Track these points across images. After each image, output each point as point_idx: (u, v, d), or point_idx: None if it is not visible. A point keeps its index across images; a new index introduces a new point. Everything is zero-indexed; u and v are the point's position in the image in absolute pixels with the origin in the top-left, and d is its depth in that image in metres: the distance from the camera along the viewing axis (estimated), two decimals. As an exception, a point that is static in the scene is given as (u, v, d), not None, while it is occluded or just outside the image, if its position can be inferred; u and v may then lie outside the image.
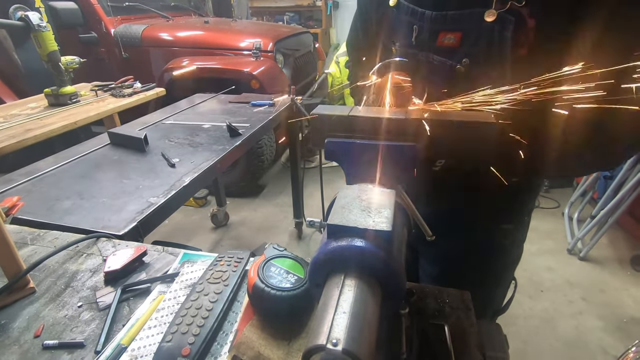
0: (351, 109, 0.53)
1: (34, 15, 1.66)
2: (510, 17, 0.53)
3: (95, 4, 2.75)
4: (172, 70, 2.72)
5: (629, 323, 1.81)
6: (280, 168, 3.48)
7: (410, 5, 0.65)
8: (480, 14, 0.55)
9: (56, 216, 0.89)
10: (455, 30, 0.60)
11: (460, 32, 0.59)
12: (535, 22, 0.52)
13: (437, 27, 0.62)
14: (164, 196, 0.98)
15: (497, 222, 0.76)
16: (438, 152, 0.49)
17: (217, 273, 0.60)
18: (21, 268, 0.63)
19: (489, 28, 0.55)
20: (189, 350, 0.48)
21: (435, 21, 0.61)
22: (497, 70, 0.57)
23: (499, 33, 0.55)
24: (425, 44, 0.65)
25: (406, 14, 0.66)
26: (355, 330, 0.30)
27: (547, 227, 2.56)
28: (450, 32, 0.60)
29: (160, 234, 2.50)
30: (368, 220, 0.38)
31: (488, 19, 0.54)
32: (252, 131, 1.48)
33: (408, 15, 0.66)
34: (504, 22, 0.54)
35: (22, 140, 1.43)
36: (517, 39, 0.54)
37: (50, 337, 0.55)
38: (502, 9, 0.53)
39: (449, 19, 0.60)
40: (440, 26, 0.61)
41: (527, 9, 0.52)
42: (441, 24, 0.61)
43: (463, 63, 0.60)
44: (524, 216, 0.79)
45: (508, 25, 0.53)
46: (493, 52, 0.57)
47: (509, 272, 0.86)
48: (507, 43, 0.54)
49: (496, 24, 0.54)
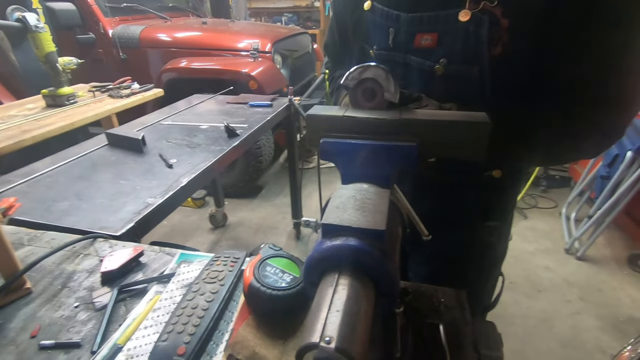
0: (346, 110, 0.53)
1: (32, 16, 1.66)
2: (484, 17, 0.54)
3: (92, 5, 2.75)
4: (170, 71, 2.73)
5: (626, 322, 1.82)
6: (279, 169, 3.48)
7: (385, 8, 0.65)
8: (455, 15, 0.56)
9: (53, 217, 0.89)
10: (432, 31, 0.61)
11: (436, 33, 0.60)
12: (509, 22, 0.54)
13: (414, 29, 0.63)
14: (162, 197, 0.98)
15: (483, 219, 0.77)
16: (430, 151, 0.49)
17: (213, 273, 0.60)
18: (18, 268, 0.63)
19: (464, 28, 0.57)
20: (184, 350, 0.48)
21: (412, 23, 0.63)
22: (474, 69, 0.59)
23: (474, 33, 0.56)
24: (403, 45, 0.66)
25: (381, 17, 0.67)
26: (348, 329, 0.31)
27: (545, 227, 2.57)
28: (427, 33, 0.61)
29: (158, 234, 2.50)
30: (362, 220, 0.38)
31: (462, 19, 0.56)
32: (249, 132, 1.48)
33: (383, 19, 0.66)
34: (478, 22, 0.55)
35: (19, 141, 1.43)
36: (492, 38, 0.55)
37: (47, 337, 0.55)
38: (476, 9, 0.54)
39: (425, 21, 0.61)
40: (416, 28, 0.62)
41: (500, 9, 0.53)
42: (417, 26, 0.62)
43: (441, 63, 0.61)
44: (508, 211, 0.80)
45: (482, 24, 0.55)
46: (469, 52, 0.58)
47: (496, 268, 0.87)
48: (483, 42, 0.56)
49: (470, 23, 0.55)
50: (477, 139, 0.48)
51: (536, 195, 2.89)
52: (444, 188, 0.75)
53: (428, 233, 0.53)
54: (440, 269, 0.84)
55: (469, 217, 0.77)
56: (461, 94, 0.61)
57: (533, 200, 2.84)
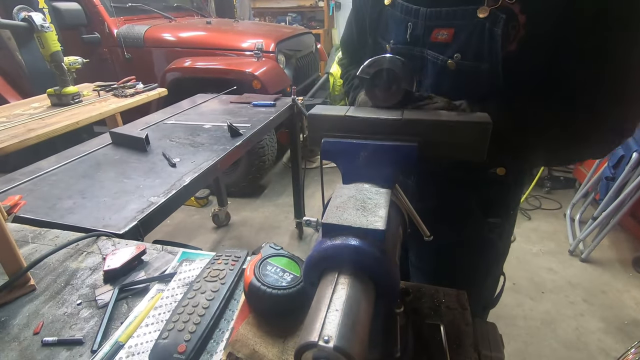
0: (348, 109, 0.53)
1: (38, 15, 1.68)
2: (502, 15, 0.54)
3: (98, 5, 2.76)
4: (174, 71, 2.74)
5: (630, 325, 1.80)
6: (282, 168, 3.49)
7: (405, 3, 0.66)
8: (473, 11, 0.57)
9: (57, 215, 0.90)
10: (449, 27, 0.61)
11: (452, 28, 0.61)
12: (526, 18, 0.54)
13: (431, 24, 0.63)
14: (165, 195, 0.99)
15: (486, 217, 0.77)
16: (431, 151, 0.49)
17: (214, 271, 0.61)
18: (22, 266, 0.64)
19: (480, 24, 0.57)
20: (185, 347, 0.48)
21: (430, 17, 0.63)
22: (486, 65, 0.59)
23: (489, 29, 0.56)
24: (419, 40, 0.66)
25: (401, 11, 0.68)
26: (347, 328, 0.31)
27: (549, 229, 2.55)
28: (444, 28, 0.62)
29: (162, 233, 2.52)
30: (362, 220, 0.38)
31: (481, 15, 0.56)
32: (253, 131, 1.48)
33: (403, 13, 0.67)
34: (495, 19, 0.55)
35: (24, 139, 1.44)
36: (507, 34, 0.55)
37: (50, 334, 0.56)
38: (494, 5, 0.54)
39: (443, 15, 0.61)
40: (434, 22, 0.63)
41: (518, 6, 0.53)
42: (435, 20, 0.63)
43: (455, 58, 0.62)
44: (510, 209, 0.80)
45: (498, 21, 0.55)
46: (483, 48, 0.58)
47: (498, 265, 0.87)
48: (497, 39, 0.56)
49: (487, 20, 0.56)
50: (478, 139, 0.48)
51: (540, 197, 2.87)
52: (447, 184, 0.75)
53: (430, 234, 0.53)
54: (441, 264, 0.84)
55: (471, 213, 0.77)
56: (473, 90, 0.62)
57: (537, 202, 2.82)
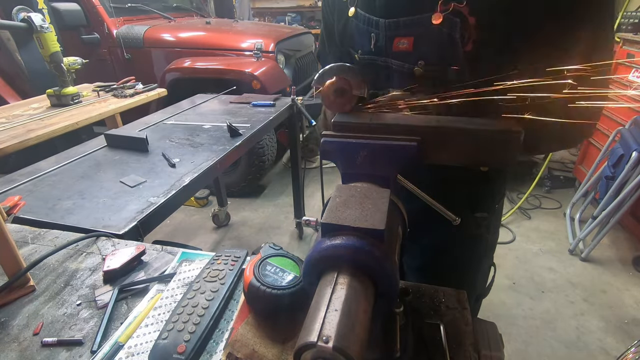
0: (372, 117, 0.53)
1: (37, 16, 1.68)
2: (456, 19, 0.56)
3: (97, 5, 2.77)
4: (173, 71, 2.74)
5: (630, 324, 1.80)
6: (282, 168, 3.49)
7: (367, 14, 0.68)
8: (428, 18, 0.58)
9: (57, 215, 0.90)
10: (408, 35, 0.63)
11: (412, 37, 0.63)
12: (476, 19, 0.55)
13: (392, 34, 0.65)
14: (164, 196, 0.99)
15: (473, 212, 0.79)
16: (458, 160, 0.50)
17: (214, 272, 0.61)
18: (21, 266, 0.64)
19: (437, 30, 0.59)
20: (184, 348, 0.48)
21: (389, 28, 0.65)
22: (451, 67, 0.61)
23: (447, 34, 0.58)
24: (383, 50, 0.69)
25: (363, 23, 0.70)
26: (346, 328, 0.31)
27: (549, 228, 2.55)
28: (404, 37, 0.64)
29: (162, 233, 2.51)
30: (362, 219, 0.38)
31: (435, 22, 0.58)
32: (252, 131, 1.48)
33: (365, 24, 0.69)
34: (451, 23, 0.57)
35: (24, 140, 1.44)
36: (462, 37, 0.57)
37: (49, 334, 0.56)
38: (446, 10, 0.56)
39: (401, 25, 0.63)
40: (394, 32, 0.65)
41: (467, 8, 0.55)
42: (395, 30, 0.65)
43: (419, 65, 0.64)
44: (495, 203, 0.82)
45: (455, 25, 0.57)
46: (445, 52, 0.60)
47: (487, 258, 0.90)
48: (456, 42, 0.58)
49: (443, 26, 0.58)
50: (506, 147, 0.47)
51: (540, 196, 2.87)
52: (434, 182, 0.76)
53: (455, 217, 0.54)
54: (432, 261, 0.86)
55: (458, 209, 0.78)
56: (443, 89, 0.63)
57: (537, 201, 2.82)
